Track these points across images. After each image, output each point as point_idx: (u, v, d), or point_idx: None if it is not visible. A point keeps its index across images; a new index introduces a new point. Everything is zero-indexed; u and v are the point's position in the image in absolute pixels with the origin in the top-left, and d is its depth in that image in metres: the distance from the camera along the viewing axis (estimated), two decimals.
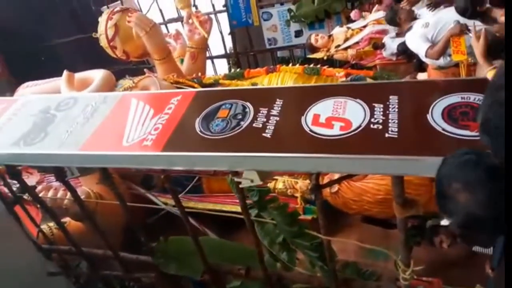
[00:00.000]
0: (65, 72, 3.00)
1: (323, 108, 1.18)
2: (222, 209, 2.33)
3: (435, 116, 1.05)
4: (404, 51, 3.18)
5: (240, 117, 1.24)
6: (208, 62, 5.85)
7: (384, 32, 3.94)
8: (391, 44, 3.54)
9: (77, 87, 2.96)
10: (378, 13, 4.19)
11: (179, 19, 5.40)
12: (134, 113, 1.39)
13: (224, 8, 5.50)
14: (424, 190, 1.81)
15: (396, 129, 1.04)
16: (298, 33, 5.62)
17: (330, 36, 4.56)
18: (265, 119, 1.20)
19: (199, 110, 1.31)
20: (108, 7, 5.34)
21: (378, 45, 3.72)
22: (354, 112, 1.14)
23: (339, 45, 4.33)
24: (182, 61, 3.91)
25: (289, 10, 5.46)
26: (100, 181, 1.90)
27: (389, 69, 3.63)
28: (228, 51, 5.95)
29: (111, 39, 3.53)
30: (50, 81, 3.40)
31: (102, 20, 3.45)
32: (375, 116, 1.10)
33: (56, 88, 3.03)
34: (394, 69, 3.64)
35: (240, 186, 1.18)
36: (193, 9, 4.12)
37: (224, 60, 6.00)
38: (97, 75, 2.98)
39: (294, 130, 1.14)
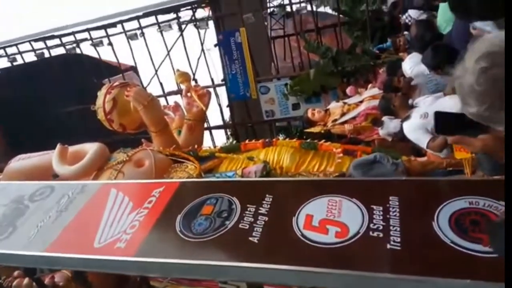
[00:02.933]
0: (58, 146, 2.94)
1: (316, 208, 1.07)
2: None
3: (442, 223, 0.93)
4: (402, 138, 3.09)
5: (225, 215, 1.12)
6: (206, 133, 5.90)
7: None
8: (389, 123, 3.52)
9: (70, 160, 2.87)
10: (373, 90, 4.27)
11: (179, 91, 5.53)
12: (111, 207, 1.27)
13: (223, 82, 5.65)
14: None
15: (399, 239, 0.92)
16: (296, 106, 5.71)
17: (326, 110, 4.60)
18: (252, 219, 1.08)
19: (182, 205, 1.19)
20: (109, 80, 5.52)
21: (377, 122, 3.71)
22: (351, 215, 1.02)
23: (336, 120, 4.34)
24: (179, 132, 3.89)
25: (286, 85, 5.60)
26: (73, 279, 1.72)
27: (386, 145, 3.58)
28: (226, 123, 6.01)
29: (108, 112, 3.52)
30: (43, 154, 3.32)
31: (100, 94, 3.48)
32: (375, 221, 0.98)
33: (48, 161, 2.95)
34: (392, 145, 3.59)
35: None
36: (193, 83, 4.21)
37: (222, 131, 6.03)
38: (90, 148, 2.91)
39: (284, 234, 1.01)
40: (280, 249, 0.99)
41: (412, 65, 3.50)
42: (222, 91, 5.81)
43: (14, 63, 5.95)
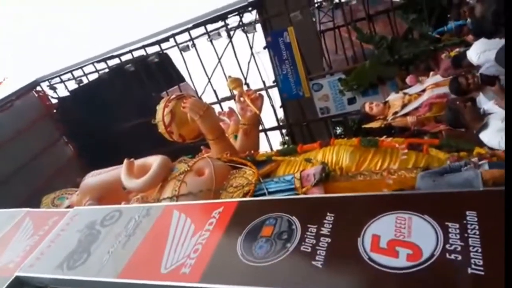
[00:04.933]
0: (125, 161, 3.10)
1: (383, 227, 1.00)
2: None
3: None
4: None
5: (285, 236, 1.09)
6: (262, 135, 5.92)
7: (445, 96, 3.68)
8: None
9: (137, 174, 3.03)
10: (436, 77, 3.97)
11: (232, 97, 5.60)
12: (175, 229, 1.31)
13: (275, 84, 5.63)
14: None
15: (481, 262, 0.82)
16: (352, 101, 5.51)
17: (385, 103, 4.34)
18: (314, 241, 1.04)
19: (241, 227, 1.18)
20: (167, 93, 5.75)
21: (441, 119, 3.42)
22: (423, 234, 0.94)
23: (396, 112, 4.09)
24: (236, 137, 3.95)
25: (340, 80, 5.42)
26: None
27: (456, 135, 3.30)
28: (280, 123, 5.97)
29: (168, 125, 3.66)
30: (113, 169, 3.55)
31: (159, 108, 3.63)
32: (451, 241, 0.89)
33: (118, 176, 3.14)
34: (462, 135, 3.30)
35: None
36: (245, 87, 4.24)
37: (278, 132, 6.00)
38: (154, 161, 3.04)
39: (349, 257, 0.96)
40: (347, 275, 0.93)
41: (479, 51, 3.12)
42: (275, 92, 5.79)
43: (80, 85, 6.45)
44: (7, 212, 1.84)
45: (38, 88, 6.48)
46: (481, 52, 3.07)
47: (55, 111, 6.63)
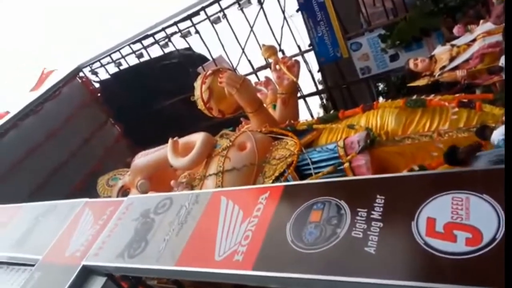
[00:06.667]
0: (170, 140, 3.19)
1: (438, 209, 0.95)
2: None
3: None
4: None
5: (335, 222, 1.08)
6: (301, 102, 5.82)
7: (498, 44, 3.37)
8: None
9: (182, 152, 3.12)
10: (487, 24, 3.62)
11: (268, 65, 5.50)
12: (224, 216, 1.34)
13: (311, 47, 5.43)
14: None
15: None
16: (394, 57, 5.21)
17: (431, 57, 4.06)
18: (365, 225, 1.02)
19: (290, 211, 1.19)
20: (203, 68, 5.75)
21: (494, 70, 3.15)
22: (483, 216, 0.89)
23: (444, 66, 3.82)
24: (274, 106, 3.91)
25: (380, 36, 5.12)
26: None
27: None
28: (319, 88, 5.82)
29: (206, 101, 3.70)
30: (159, 149, 3.68)
31: (197, 85, 3.66)
32: None
33: (164, 155, 3.25)
34: None
35: None
36: (280, 54, 4.14)
37: (317, 98, 5.86)
38: (198, 139, 3.11)
39: (404, 243, 0.93)
40: (402, 262, 0.91)
41: None
42: (311, 57, 5.59)
43: (120, 67, 6.61)
44: (68, 203, 1.97)
45: (81, 74, 6.73)
46: None
47: (99, 94, 6.89)
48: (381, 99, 8.15)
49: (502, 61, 3.10)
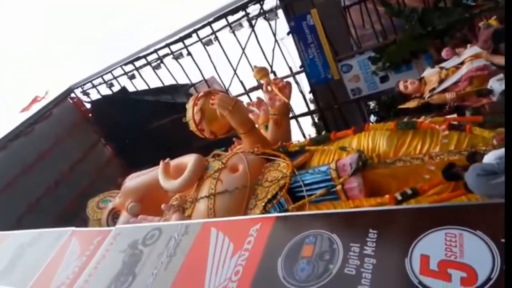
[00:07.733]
0: (161, 163, 3.15)
1: (432, 245, 0.93)
2: None
3: None
4: None
5: (327, 257, 1.05)
6: (293, 122, 5.83)
7: (486, 68, 3.43)
8: (499, 88, 2.99)
9: (173, 174, 3.08)
10: (474, 48, 3.70)
11: (260, 86, 5.53)
12: (214, 249, 1.30)
13: (302, 69, 5.49)
14: None
15: None
16: (384, 79, 5.28)
17: (421, 79, 4.11)
18: (358, 262, 0.99)
19: (281, 245, 1.16)
20: (195, 89, 5.76)
21: (482, 93, 3.19)
22: (477, 253, 0.87)
23: (434, 89, 3.86)
24: (266, 127, 3.90)
25: (370, 58, 5.20)
26: None
27: (502, 110, 3.07)
28: (311, 108, 5.85)
29: (198, 123, 3.68)
30: (150, 171, 3.63)
31: (188, 107, 3.64)
32: None
33: (156, 178, 3.20)
34: None
35: None
36: (272, 76, 4.16)
37: (309, 118, 5.88)
38: (189, 161, 3.07)
39: (398, 281, 0.91)
40: None
41: None
42: (303, 78, 5.65)
43: (112, 88, 6.61)
44: (54, 232, 1.92)
45: (72, 95, 6.70)
46: None
47: (90, 115, 6.86)
48: (372, 117, 8.22)
49: (490, 84, 3.15)
